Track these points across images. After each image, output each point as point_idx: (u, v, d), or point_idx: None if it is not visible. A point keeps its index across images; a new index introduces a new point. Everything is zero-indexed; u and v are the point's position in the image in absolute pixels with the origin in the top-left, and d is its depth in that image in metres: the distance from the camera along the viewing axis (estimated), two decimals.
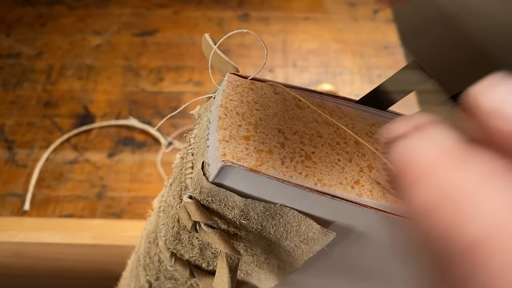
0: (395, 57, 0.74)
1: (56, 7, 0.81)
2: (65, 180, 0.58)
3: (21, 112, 0.66)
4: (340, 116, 0.22)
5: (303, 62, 0.74)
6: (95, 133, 0.63)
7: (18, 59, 0.72)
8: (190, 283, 0.27)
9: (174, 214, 0.23)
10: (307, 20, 0.81)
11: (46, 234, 0.47)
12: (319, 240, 0.21)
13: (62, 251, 0.47)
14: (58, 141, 0.62)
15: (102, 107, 0.66)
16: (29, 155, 0.61)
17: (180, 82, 0.70)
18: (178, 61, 0.73)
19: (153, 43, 0.76)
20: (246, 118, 0.19)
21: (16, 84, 0.69)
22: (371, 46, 0.76)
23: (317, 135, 0.20)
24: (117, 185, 0.58)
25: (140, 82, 0.70)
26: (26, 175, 0.58)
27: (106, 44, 0.75)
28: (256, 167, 0.18)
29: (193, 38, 0.76)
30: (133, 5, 0.82)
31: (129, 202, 0.56)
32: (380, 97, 0.23)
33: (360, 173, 0.19)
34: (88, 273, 0.50)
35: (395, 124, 0.14)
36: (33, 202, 0.56)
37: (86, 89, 0.69)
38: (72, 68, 0.71)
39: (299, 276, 0.25)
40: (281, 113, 0.20)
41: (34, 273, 0.50)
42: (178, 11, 0.81)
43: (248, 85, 0.21)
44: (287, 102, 0.21)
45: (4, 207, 0.55)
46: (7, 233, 0.47)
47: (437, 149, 0.13)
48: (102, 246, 0.47)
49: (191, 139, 0.22)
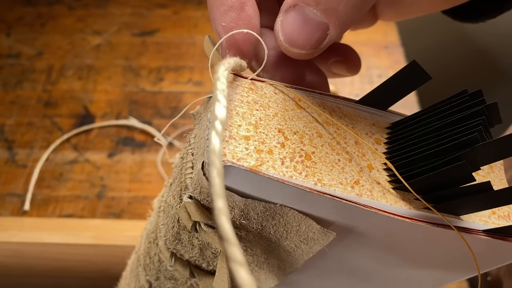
0: (395, 57, 0.74)
1: (56, 7, 0.81)
2: (65, 180, 0.58)
3: (21, 112, 0.66)
4: (340, 116, 0.22)
5: None
6: (95, 133, 0.63)
7: (18, 59, 0.72)
8: (190, 283, 0.27)
9: (174, 214, 0.23)
10: None
11: (46, 234, 0.47)
12: (319, 240, 0.21)
13: (62, 251, 0.47)
14: (58, 141, 0.62)
15: (102, 107, 0.66)
16: (29, 155, 0.61)
17: (180, 82, 0.70)
18: (178, 61, 0.73)
19: (153, 43, 0.76)
20: (246, 118, 0.19)
21: (16, 84, 0.69)
22: (371, 46, 0.76)
23: (317, 135, 0.20)
24: (117, 185, 0.58)
25: (140, 82, 0.70)
26: (26, 175, 0.58)
27: (106, 44, 0.75)
28: (256, 167, 0.18)
29: (193, 38, 0.76)
30: (133, 5, 0.82)
31: (129, 202, 0.56)
32: (380, 97, 0.23)
33: (360, 173, 0.19)
34: (88, 273, 0.50)
35: None
36: (33, 202, 0.56)
37: (86, 89, 0.69)
38: (72, 68, 0.71)
39: (299, 276, 0.25)
40: (281, 113, 0.20)
41: (34, 273, 0.50)
42: (178, 11, 0.81)
43: (248, 85, 0.21)
44: (287, 102, 0.21)
45: (4, 207, 0.55)
46: (7, 233, 0.47)
47: None
48: (102, 246, 0.47)
49: (191, 139, 0.22)
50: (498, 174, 0.23)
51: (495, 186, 0.22)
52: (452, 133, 0.20)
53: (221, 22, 0.21)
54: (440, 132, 0.20)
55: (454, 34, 1.02)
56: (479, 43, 1.02)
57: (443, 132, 0.20)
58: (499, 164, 0.24)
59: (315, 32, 0.20)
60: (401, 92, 0.22)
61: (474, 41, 1.02)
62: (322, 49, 0.21)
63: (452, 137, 0.19)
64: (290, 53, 0.21)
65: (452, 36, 1.02)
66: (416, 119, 0.22)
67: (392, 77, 0.22)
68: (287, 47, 0.21)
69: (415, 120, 0.22)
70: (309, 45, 0.20)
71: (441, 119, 0.21)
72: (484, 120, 0.19)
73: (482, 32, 1.00)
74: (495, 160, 0.19)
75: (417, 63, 0.21)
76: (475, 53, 1.03)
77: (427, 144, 0.20)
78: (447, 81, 0.72)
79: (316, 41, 0.20)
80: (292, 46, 0.20)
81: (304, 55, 0.21)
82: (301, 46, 0.20)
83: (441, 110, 0.21)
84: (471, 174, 0.18)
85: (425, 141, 0.20)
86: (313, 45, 0.20)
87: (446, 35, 1.02)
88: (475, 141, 0.18)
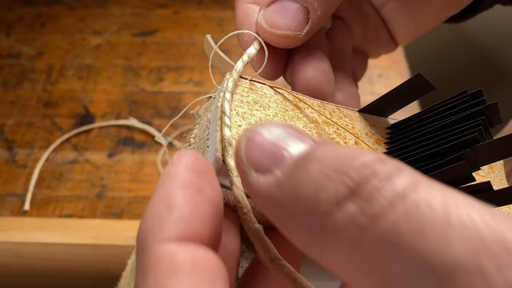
0: (395, 57, 0.74)
1: (56, 7, 0.81)
2: (65, 180, 0.58)
3: (21, 112, 0.66)
4: (340, 116, 0.22)
5: None
6: (95, 133, 0.63)
7: (18, 59, 0.72)
8: None
9: None
10: None
11: (46, 234, 0.47)
12: None
13: (62, 251, 0.47)
14: (58, 141, 0.62)
15: (102, 107, 0.66)
16: (29, 155, 0.61)
17: (180, 82, 0.70)
18: (178, 61, 0.73)
19: (153, 43, 0.76)
20: (246, 118, 0.19)
21: (16, 84, 0.69)
22: None
23: (317, 136, 0.20)
24: (117, 185, 0.58)
25: (140, 82, 0.70)
26: (26, 175, 0.58)
27: (106, 44, 0.75)
28: None
29: (193, 38, 0.76)
30: (133, 5, 0.82)
31: (129, 202, 0.56)
32: (383, 107, 0.23)
33: None
34: (88, 273, 0.49)
35: None
36: (33, 202, 0.56)
37: (86, 89, 0.69)
38: (72, 68, 0.71)
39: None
40: (281, 113, 0.20)
41: (34, 273, 0.50)
42: (178, 11, 0.81)
43: (248, 85, 0.21)
44: (287, 102, 0.21)
45: (4, 207, 0.55)
46: (7, 233, 0.47)
47: None
48: (102, 246, 0.47)
49: (191, 139, 0.22)
50: (498, 174, 0.23)
51: (495, 186, 0.22)
52: (452, 133, 0.20)
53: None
54: (440, 132, 0.20)
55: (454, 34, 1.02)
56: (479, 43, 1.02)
57: (443, 132, 0.20)
58: (499, 164, 0.24)
59: (297, 15, 0.21)
60: (404, 102, 0.22)
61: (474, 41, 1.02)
62: (307, 35, 0.22)
63: (452, 137, 0.19)
64: (276, 39, 0.22)
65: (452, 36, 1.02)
66: (416, 119, 0.22)
67: (396, 89, 0.22)
68: (272, 31, 0.21)
69: (415, 120, 0.22)
70: (293, 26, 0.21)
71: (441, 119, 0.21)
72: (484, 120, 0.19)
73: (482, 32, 1.00)
74: (495, 160, 0.19)
75: (422, 75, 0.21)
76: (475, 53, 1.03)
77: (427, 144, 0.20)
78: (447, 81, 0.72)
79: (299, 23, 0.21)
80: (277, 28, 0.21)
81: (292, 40, 0.22)
82: (286, 27, 0.21)
83: (441, 110, 0.21)
84: (471, 174, 0.18)
85: (425, 141, 0.20)
86: (297, 26, 0.21)
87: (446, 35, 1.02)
88: (475, 141, 0.18)
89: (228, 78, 0.20)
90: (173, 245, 0.13)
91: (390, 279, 0.10)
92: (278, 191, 0.12)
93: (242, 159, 0.14)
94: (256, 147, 0.13)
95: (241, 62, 0.21)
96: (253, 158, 0.13)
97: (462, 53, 1.03)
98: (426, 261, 0.09)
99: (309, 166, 0.12)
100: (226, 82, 0.19)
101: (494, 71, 1.03)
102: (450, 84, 0.84)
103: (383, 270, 0.10)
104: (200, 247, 0.13)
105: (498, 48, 1.01)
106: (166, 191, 0.14)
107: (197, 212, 0.14)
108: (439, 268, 0.09)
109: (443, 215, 0.10)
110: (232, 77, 0.20)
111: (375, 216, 0.10)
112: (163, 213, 0.13)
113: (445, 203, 0.10)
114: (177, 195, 0.14)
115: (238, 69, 0.20)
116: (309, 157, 0.12)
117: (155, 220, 0.13)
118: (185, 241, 0.13)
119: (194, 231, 0.13)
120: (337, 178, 0.11)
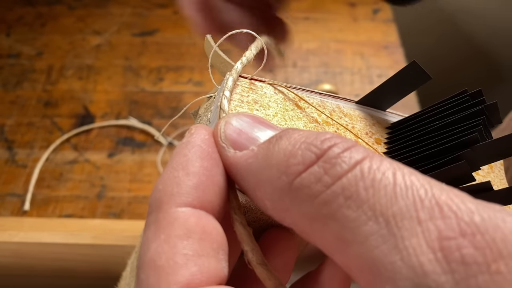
0: (395, 57, 0.74)
1: (56, 7, 0.81)
2: (65, 180, 0.58)
3: (21, 112, 0.66)
4: (340, 116, 0.22)
5: (303, 62, 0.74)
6: (95, 133, 0.63)
7: (18, 59, 0.72)
8: None
9: None
10: (307, 20, 0.81)
11: (46, 234, 0.47)
12: None
13: (62, 251, 0.47)
14: (58, 141, 0.62)
15: (102, 107, 0.66)
16: (29, 155, 0.61)
17: (180, 82, 0.70)
18: (178, 61, 0.73)
19: (153, 43, 0.76)
20: None
21: (16, 84, 0.69)
22: (371, 46, 0.76)
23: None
24: (117, 185, 0.58)
25: (140, 82, 0.70)
26: (26, 175, 0.58)
27: (106, 44, 0.75)
28: None
29: (193, 38, 0.77)
30: (133, 5, 0.82)
31: (129, 202, 0.56)
32: (380, 98, 0.23)
33: None
34: (88, 273, 0.49)
35: None
36: (33, 202, 0.56)
37: (86, 89, 0.69)
38: (72, 68, 0.71)
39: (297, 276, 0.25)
40: (281, 113, 0.20)
41: (34, 273, 0.50)
42: (178, 11, 0.81)
43: (248, 85, 0.21)
44: (287, 102, 0.21)
45: (4, 207, 0.55)
46: (7, 233, 0.47)
47: None
48: (102, 246, 0.47)
49: None
50: (498, 174, 0.23)
51: (495, 186, 0.22)
52: (452, 133, 0.20)
53: None
54: (440, 132, 0.20)
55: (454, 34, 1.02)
56: (479, 43, 1.02)
57: (443, 132, 0.20)
58: (499, 164, 0.24)
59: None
60: (401, 93, 0.22)
61: (474, 41, 1.02)
62: None
63: (452, 137, 0.19)
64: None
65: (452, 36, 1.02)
66: (416, 119, 0.22)
67: (392, 77, 0.22)
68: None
69: (415, 120, 0.22)
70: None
71: (441, 119, 0.21)
72: (484, 120, 0.19)
73: (482, 32, 1.00)
74: (495, 160, 0.19)
75: (417, 63, 0.21)
76: (475, 53, 1.03)
77: (427, 144, 0.20)
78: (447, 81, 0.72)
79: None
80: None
81: None
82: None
83: (441, 110, 0.21)
84: (471, 174, 0.18)
85: (425, 141, 0.20)
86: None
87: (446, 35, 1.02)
88: (475, 141, 0.18)
89: (228, 78, 0.20)
90: (189, 209, 0.14)
91: (347, 226, 0.12)
92: (254, 160, 0.15)
93: (221, 138, 0.16)
94: (233, 130, 0.16)
95: (240, 64, 0.21)
96: (232, 138, 0.16)
97: (462, 53, 1.03)
98: (377, 211, 0.12)
99: (280, 141, 0.14)
100: (226, 82, 0.19)
101: (494, 71, 1.03)
102: (450, 84, 0.84)
103: (341, 219, 0.12)
104: (210, 216, 0.15)
105: (499, 48, 1.01)
106: (186, 159, 0.15)
107: (212, 182, 0.15)
108: (388, 217, 0.12)
109: (392, 178, 0.12)
110: (232, 77, 0.20)
111: (337, 175, 0.13)
112: (182, 178, 0.15)
113: (393, 169, 0.12)
114: (196, 163, 0.15)
115: (238, 69, 0.20)
116: (280, 135, 0.15)
117: (174, 183, 0.15)
118: (199, 208, 0.15)
119: (207, 200, 0.15)
120: (305, 147, 0.14)
